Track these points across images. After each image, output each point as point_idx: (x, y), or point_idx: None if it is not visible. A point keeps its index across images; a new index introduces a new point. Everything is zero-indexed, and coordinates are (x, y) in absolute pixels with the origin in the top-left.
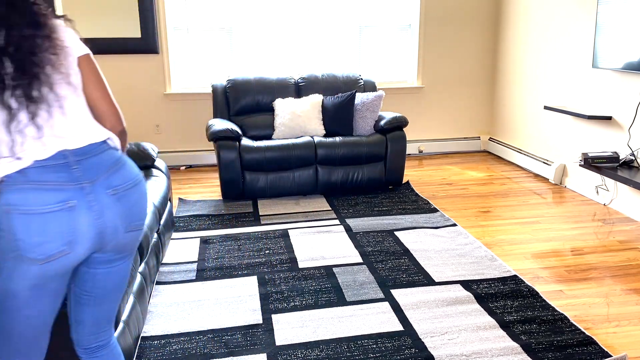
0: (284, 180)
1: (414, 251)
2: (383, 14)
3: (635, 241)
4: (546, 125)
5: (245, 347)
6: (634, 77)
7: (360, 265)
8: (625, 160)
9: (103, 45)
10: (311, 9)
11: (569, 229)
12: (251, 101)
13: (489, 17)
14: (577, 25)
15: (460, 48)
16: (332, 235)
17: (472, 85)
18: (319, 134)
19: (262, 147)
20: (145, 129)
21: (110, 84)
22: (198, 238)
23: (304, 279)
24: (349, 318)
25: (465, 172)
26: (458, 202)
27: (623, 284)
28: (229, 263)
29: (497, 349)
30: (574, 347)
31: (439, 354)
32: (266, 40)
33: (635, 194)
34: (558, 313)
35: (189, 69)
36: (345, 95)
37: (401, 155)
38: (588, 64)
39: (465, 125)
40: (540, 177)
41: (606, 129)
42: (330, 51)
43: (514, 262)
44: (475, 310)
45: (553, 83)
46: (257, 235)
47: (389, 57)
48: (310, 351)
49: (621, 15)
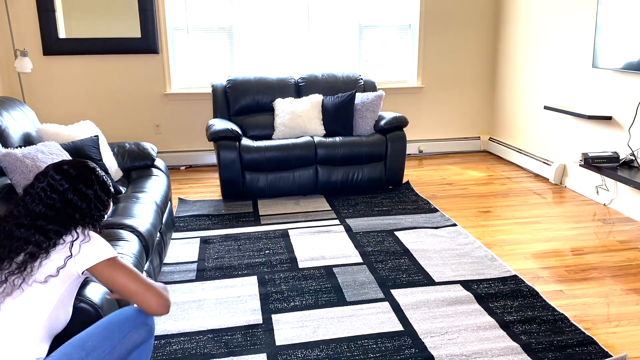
0: (284, 180)
1: (414, 251)
2: (383, 14)
3: (635, 241)
4: (546, 125)
5: (245, 347)
6: (634, 77)
7: (360, 265)
8: (625, 160)
9: (103, 45)
10: (311, 9)
11: (569, 229)
12: (251, 101)
13: (489, 17)
14: (577, 25)
15: (460, 48)
16: (332, 235)
17: (472, 85)
18: (319, 134)
19: (262, 147)
20: (145, 129)
21: (110, 84)
22: (198, 238)
23: (304, 279)
24: (349, 318)
25: (465, 172)
26: (458, 202)
27: (623, 284)
28: (229, 263)
29: (497, 349)
30: (574, 347)
31: (439, 354)
32: (266, 40)
33: (635, 194)
34: (558, 313)
35: (189, 69)
36: (345, 95)
37: (401, 155)
38: (588, 64)
39: (465, 125)
40: (540, 177)
41: (606, 129)
42: (330, 51)
43: (514, 262)
44: (475, 310)
45: (553, 83)
46: (257, 235)
47: (389, 57)
48: (310, 351)
49: (621, 15)
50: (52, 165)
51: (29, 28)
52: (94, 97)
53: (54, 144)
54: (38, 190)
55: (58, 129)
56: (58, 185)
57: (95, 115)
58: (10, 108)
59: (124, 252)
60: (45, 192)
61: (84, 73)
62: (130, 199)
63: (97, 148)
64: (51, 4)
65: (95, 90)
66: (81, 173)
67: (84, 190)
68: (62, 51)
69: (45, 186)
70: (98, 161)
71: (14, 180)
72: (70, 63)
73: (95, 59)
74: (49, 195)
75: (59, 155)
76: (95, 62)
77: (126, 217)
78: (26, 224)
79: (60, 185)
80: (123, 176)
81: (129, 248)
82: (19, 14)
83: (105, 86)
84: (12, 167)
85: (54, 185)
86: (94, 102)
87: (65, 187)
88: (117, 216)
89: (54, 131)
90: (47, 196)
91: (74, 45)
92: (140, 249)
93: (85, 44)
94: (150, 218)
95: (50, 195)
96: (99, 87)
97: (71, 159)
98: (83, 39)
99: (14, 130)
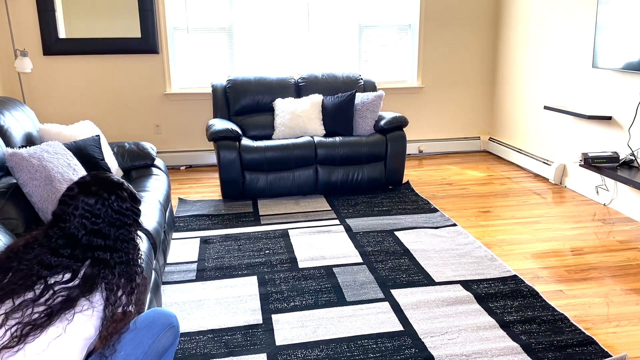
0: (284, 180)
1: (414, 251)
2: (383, 14)
3: (635, 241)
4: (546, 125)
5: (245, 347)
6: (634, 77)
7: (360, 265)
8: (625, 160)
9: (103, 45)
10: (311, 9)
11: (569, 229)
12: (251, 101)
13: (489, 17)
14: (577, 25)
15: (460, 48)
16: (332, 235)
17: (472, 85)
18: (319, 134)
19: (262, 147)
20: (145, 129)
21: (110, 83)
22: (198, 238)
23: (304, 279)
24: (349, 318)
25: (465, 172)
26: (458, 202)
27: (623, 284)
28: (229, 263)
29: (497, 349)
30: (574, 347)
31: (439, 354)
32: (266, 40)
33: (635, 194)
34: (558, 313)
35: (189, 69)
36: (345, 95)
37: (401, 155)
38: (588, 64)
39: (465, 125)
40: (540, 177)
41: (606, 129)
42: (330, 51)
43: (514, 262)
44: (475, 310)
45: (553, 83)
46: (257, 235)
47: (389, 57)
48: (310, 351)
49: (621, 15)
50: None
51: (29, 28)
52: (94, 97)
53: (58, 144)
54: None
55: (60, 128)
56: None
57: (95, 115)
58: (11, 108)
59: None
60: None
61: (84, 73)
62: None
63: (99, 148)
64: (51, 4)
65: (95, 90)
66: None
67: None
68: (62, 51)
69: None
70: (100, 161)
71: (20, 180)
72: (70, 63)
73: (95, 59)
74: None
75: (64, 155)
76: (95, 62)
77: None
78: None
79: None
80: (123, 176)
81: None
82: (19, 14)
83: (105, 86)
84: (18, 167)
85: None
86: (94, 102)
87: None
88: None
89: (55, 131)
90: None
91: (74, 45)
92: (148, 247)
93: (85, 44)
94: (155, 216)
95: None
96: (99, 87)
97: (95, 174)
98: (83, 39)
99: (15, 130)
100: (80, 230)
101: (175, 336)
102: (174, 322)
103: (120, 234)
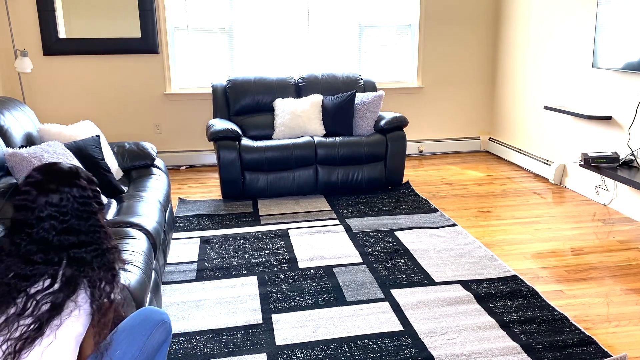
0: (284, 180)
1: (414, 251)
2: (383, 14)
3: (635, 241)
4: (546, 125)
5: (245, 347)
6: (634, 77)
7: (360, 265)
8: (625, 160)
9: (103, 45)
10: (311, 9)
11: (569, 229)
12: (251, 101)
13: (489, 17)
14: (577, 25)
15: (460, 48)
16: (332, 235)
17: (472, 85)
18: (319, 134)
19: (262, 147)
20: (145, 129)
21: (110, 83)
22: (198, 238)
23: (304, 279)
24: (349, 318)
25: (465, 172)
26: (458, 202)
27: (623, 284)
28: (229, 263)
29: (497, 349)
30: (574, 347)
31: (439, 354)
32: (266, 40)
33: (635, 194)
34: (558, 313)
35: (189, 69)
36: (345, 95)
37: (401, 155)
38: (588, 64)
39: (465, 125)
40: (540, 177)
41: (606, 129)
42: (330, 51)
43: (514, 262)
44: (475, 310)
45: (553, 83)
46: (257, 235)
47: (389, 57)
48: (310, 351)
49: (621, 15)
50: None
51: (29, 28)
52: (94, 97)
53: (58, 144)
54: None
55: (60, 128)
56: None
57: (95, 115)
58: (11, 108)
59: (134, 249)
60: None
61: (84, 73)
62: (134, 197)
63: (99, 148)
64: (51, 4)
65: (95, 91)
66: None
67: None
68: (62, 51)
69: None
70: (101, 160)
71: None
72: (70, 63)
73: (95, 59)
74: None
75: (64, 155)
76: (95, 62)
77: (132, 216)
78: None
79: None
80: (123, 176)
81: (137, 246)
82: (19, 14)
83: (105, 86)
84: (19, 167)
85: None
86: (94, 102)
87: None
88: (123, 215)
89: (55, 131)
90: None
91: (74, 45)
92: (148, 247)
93: (85, 44)
94: (155, 216)
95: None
96: (99, 87)
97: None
98: (83, 39)
99: (15, 130)
100: (50, 232)
101: (168, 332)
102: (165, 318)
103: (90, 225)
